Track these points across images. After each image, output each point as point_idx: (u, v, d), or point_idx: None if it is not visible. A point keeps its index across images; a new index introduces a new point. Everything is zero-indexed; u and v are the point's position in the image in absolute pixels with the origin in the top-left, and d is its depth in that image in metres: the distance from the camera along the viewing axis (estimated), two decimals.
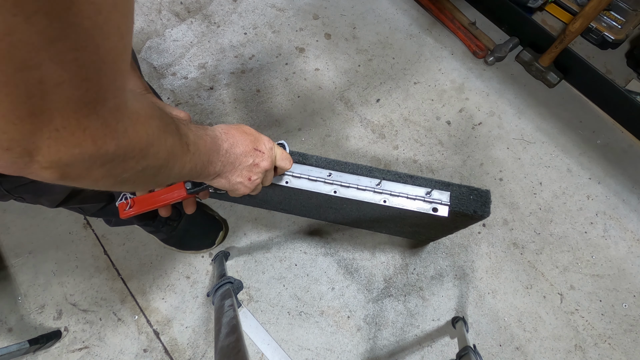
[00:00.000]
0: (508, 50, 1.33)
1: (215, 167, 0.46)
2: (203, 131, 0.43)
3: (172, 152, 0.35)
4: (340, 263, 1.08)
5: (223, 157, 0.47)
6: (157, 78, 1.28)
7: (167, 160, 0.35)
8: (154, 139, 0.31)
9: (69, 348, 0.98)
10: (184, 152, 0.38)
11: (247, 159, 0.50)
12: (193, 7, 1.41)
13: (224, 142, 0.47)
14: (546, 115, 1.27)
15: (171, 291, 1.04)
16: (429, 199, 0.67)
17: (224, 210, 1.12)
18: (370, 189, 0.67)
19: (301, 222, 1.12)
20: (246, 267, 1.07)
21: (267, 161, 0.53)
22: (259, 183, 0.54)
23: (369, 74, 1.32)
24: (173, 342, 0.99)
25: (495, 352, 1.01)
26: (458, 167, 1.20)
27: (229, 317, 0.67)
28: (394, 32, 1.39)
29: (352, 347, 1.00)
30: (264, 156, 0.52)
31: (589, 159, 1.22)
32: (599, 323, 1.04)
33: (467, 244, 1.11)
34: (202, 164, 0.42)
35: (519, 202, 1.16)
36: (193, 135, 0.40)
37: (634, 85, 1.26)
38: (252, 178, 0.52)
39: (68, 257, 1.05)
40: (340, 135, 1.23)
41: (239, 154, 0.49)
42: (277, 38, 1.36)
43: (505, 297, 1.06)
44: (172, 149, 0.35)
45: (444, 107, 1.28)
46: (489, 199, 0.68)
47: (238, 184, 0.51)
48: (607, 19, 1.26)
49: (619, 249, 1.11)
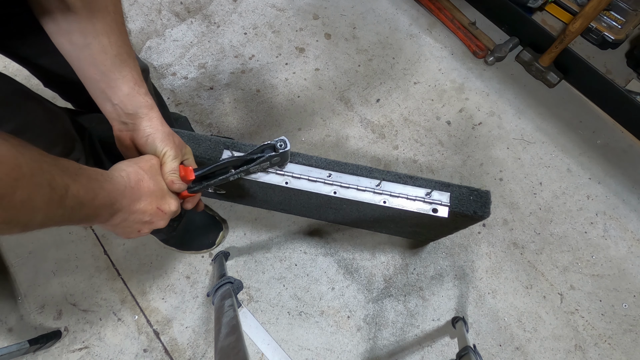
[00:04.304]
0: (508, 50, 1.33)
1: (102, 219, 0.42)
2: (99, 183, 0.39)
3: (30, 204, 0.32)
4: (340, 263, 1.08)
5: (116, 213, 0.43)
6: (157, 78, 1.28)
7: (19, 213, 0.31)
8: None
9: (69, 348, 0.98)
10: (56, 206, 0.34)
11: (144, 217, 0.47)
12: (193, 7, 1.41)
13: (123, 199, 0.43)
14: (546, 115, 1.27)
15: (171, 291, 1.04)
16: (428, 200, 0.67)
17: (224, 211, 1.12)
18: (370, 190, 0.67)
19: (301, 222, 1.12)
20: (246, 267, 1.07)
21: (165, 221, 0.50)
22: (146, 233, 0.52)
23: (369, 74, 1.32)
24: (173, 342, 0.99)
25: (495, 352, 1.01)
26: (458, 167, 1.20)
27: (229, 317, 0.67)
28: (394, 32, 1.39)
29: (352, 347, 1.00)
30: (164, 216, 0.50)
31: (589, 159, 1.21)
32: (599, 323, 1.04)
33: (467, 244, 1.11)
34: (84, 216, 0.38)
35: (519, 202, 1.16)
36: (78, 188, 0.36)
37: (634, 85, 1.26)
38: (143, 231, 0.49)
39: (68, 257, 1.05)
40: (340, 135, 1.23)
41: (137, 211, 0.46)
42: (277, 38, 1.36)
43: (505, 297, 1.06)
44: (28, 201, 0.31)
45: (444, 107, 1.28)
46: (489, 200, 0.68)
47: (123, 232, 0.48)
48: (607, 19, 1.26)
49: (619, 249, 1.11)
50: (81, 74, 0.47)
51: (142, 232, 0.49)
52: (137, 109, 0.49)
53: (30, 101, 0.53)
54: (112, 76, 0.46)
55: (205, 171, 0.55)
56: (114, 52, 0.45)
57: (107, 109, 0.49)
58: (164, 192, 0.50)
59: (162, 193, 0.49)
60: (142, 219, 0.47)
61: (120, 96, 0.48)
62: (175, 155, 0.51)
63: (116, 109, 0.48)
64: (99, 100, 0.49)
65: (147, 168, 0.48)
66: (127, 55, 0.47)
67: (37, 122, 0.54)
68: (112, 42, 0.45)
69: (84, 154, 0.68)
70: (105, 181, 0.41)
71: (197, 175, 0.55)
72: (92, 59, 0.45)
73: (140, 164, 0.47)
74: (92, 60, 0.45)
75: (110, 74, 0.46)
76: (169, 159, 0.51)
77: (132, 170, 0.46)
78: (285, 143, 0.58)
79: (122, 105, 0.48)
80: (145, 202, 0.46)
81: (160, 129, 0.51)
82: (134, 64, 0.49)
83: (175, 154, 0.52)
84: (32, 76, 0.73)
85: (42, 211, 0.33)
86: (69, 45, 0.45)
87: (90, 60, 0.45)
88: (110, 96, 0.47)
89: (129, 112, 0.48)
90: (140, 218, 0.47)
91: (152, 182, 0.47)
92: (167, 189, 0.50)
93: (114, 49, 0.45)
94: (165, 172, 0.50)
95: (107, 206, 0.41)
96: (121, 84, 0.47)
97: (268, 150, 0.59)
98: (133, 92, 0.48)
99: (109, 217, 0.43)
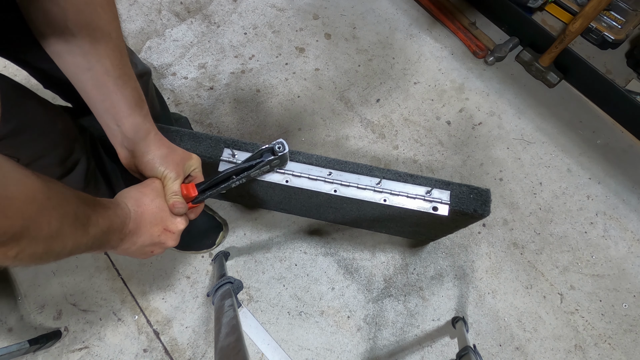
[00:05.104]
0: (508, 50, 1.33)
1: (114, 244, 0.44)
2: (112, 210, 0.42)
3: (61, 234, 0.34)
4: (340, 263, 1.08)
5: (125, 238, 0.45)
6: (157, 78, 1.28)
7: (53, 243, 0.33)
8: (31, 222, 0.30)
9: (69, 348, 0.98)
10: (81, 234, 0.36)
11: (152, 239, 0.49)
12: (193, 7, 1.41)
13: (130, 223, 0.45)
14: (546, 115, 1.27)
15: (171, 291, 1.04)
16: (429, 198, 0.67)
17: (224, 211, 1.12)
18: (371, 188, 0.67)
19: (301, 222, 1.12)
20: (246, 267, 1.07)
21: (175, 240, 0.52)
22: (160, 252, 0.53)
23: (369, 74, 1.32)
24: (173, 342, 0.99)
25: (495, 352, 1.01)
26: (458, 167, 1.20)
27: (229, 317, 0.67)
28: (394, 32, 1.40)
29: (352, 347, 1.00)
30: (172, 236, 0.51)
31: (589, 159, 1.21)
32: (599, 323, 1.04)
33: (467, 244, 1.11)
34: (102, 242, 0.41)
35: (519, 202, 1.16)
36: (97, 217, 0.39)
37: (634, 85, 1.26)
38: (155, 251, 0.51)
39: (68, 257, 1.05)
40: (340, 135, 1.23)
41: (144, 234, 0.48)
42: (277, 38, 1.36)
43: (505, 297, 1.06)
44: (59, 232, 0.34)
45: (444, 107, 1.28)
46: (489, 198, 0.68)
47: (135, 254, 0.50)
48: (607, 19, 1.26)
49: (619, 249, 1.11)
50: (84, 94, 0.48)
51: (155, 252, 0.51)
52: (135, 133, 0.50)
53: (30, 101, 0.53)
54: (115, 97, 0.47)
55: (207, 185, 0.56)
56: (116, 74, 0.46)
57: (111, 134, 0.50)
58: (169, 213, 0.51)
59: (167, 214, 0.50)
60: (152, 241, 0.49)
61: (122, 117, 0.48)
62: (175, 177, 0.52)
63: (120, 134, 0.49)
64: (103, 120, 0.49)
65: (149, 192, 0.49)
66: (127, 77, 0.48)
67: (38, 122, 0.54)
68: (115, 65, 0.46)
69: (85, 154, 0.68)
70: (117, 208, 0.43)
71: (200, 189, 0.55)
72: (95, 81, 0.46)
73: (143, 188, 0.49)
74: (95, 82, 0.46)
75: (113, 95, 0.47)
76: (170, 181, 0.52)
77: (135, 196, 0.48)
78: (284, 145, 0.58)
79: (123, 127, 0.49)
80: (151, 225, 0.48)
81: (157, 153, 0.51)
82: (135, 85, 0.49)
83: (176, 175, 0.52)
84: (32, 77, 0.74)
85: (71, 240, 0.35)
86: (72, 67, 0.45)
87: (93, 82, 0.46)
88: (114, 115, 0.48)
89: (129, 137, 0.49)
90: (149, 240, 0.48)
91: (154, 205, 0.49)
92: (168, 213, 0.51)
93: (116, 71, 0.46)
94: (167, 195, 0.51)
95: (118, 232, 0.43)
96: (123, 104, 0.48)
97: (267, 154, 0.59)
98: (134, 114, 0.49)
99: (119, 242, 0.45)
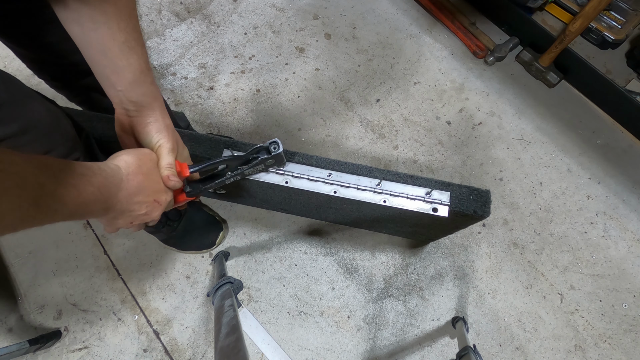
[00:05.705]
0: (508, 50, 1.33)
1: (96, 214, 0.41)
2: (86, 178, 0.38)
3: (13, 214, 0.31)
4: (340, 263, 1.08)
5: (113, 206, 0.42)
6: (157, 78, 1.28)
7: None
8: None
9: (69, 348, 0.98)
10: (27, 207, 0.32)
11: (140, 208, 0.47)
12: (193, 7, 1.41)
13: (119, 191, 0.43)
14: (546, 115, 1.27)
15: (171, 291, 1.04)
16: (429, 199, 0.67)
17: (224, 211, 1.12)
18: (370, 189, 0.67)
19: (301, 222, 1.12)
20: (246, 267, 1.07)
21: (159, 211, 0.50)
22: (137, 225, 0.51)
23: (369, 74, 1.32)
24: (173, 342, 0.99)
25: (495, 352, 1.01)
26: (458, 167, 1.20)
27: (229, 317, 0.67)
28: (394, 32, 1.39)
29: (352, 347, 1.00)
30: (159, 208, 0.50)
31: (589, 159, 1.21)
32: (599, 323, 1.04)
33: (467, 244, 1.11)
34: (70, 213, 0.37)
35: (519, 202, 1.16)
36: (56, 186, 0.34)
37: (634, 85, 1.26)
38: (135, 223, 0.49)
39: (68, 257, 1.05)
40: (340, 135, 1.23)
41: (135, 203, 0.45)
42: (277, 38, 1.36)
43: (505, 297, 1.06)
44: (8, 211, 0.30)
45: (444, 107, 1.28)
46: (489, 199, 0.68)
47: (112, 224, 0.48)
48: (607, 19, 1.26)
49: (619, 249, 1.11)
50: (89, 59, 0.47)
51: (134, 223, 0.49)
52: (140, 97, 0.48)
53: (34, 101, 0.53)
54: (119, 63, 0.46)
55: (200, 168, 0.55)
56: (122, 39, 0.45)
57: (111, 94, 0.49)
58: (162, 185, 0.50)
59: (161, 186, 0.49)
60: (139, 211, 0.47)
61: (125, 84, 0.47)
62: (171, 148, 0.51)
63: (119, 95, 0.48)
64: (104, 85, 0.48)
65: (147, 160, 0.48)
66: (135, 42, 0.47)
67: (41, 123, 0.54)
68: (122, 29, 0.45)
69: (82, 153, 0.68)
70: (95, 175, 0.39)
71: (192, 171, 0.54)
72: (100, 45, 0.45)
73: (141, 155, 0.47)
74: (99, 46, 0.45)
75: (117, 61, 0.46)
76: (165, 151, 0.50)
77: (132, 161, 0.45)
78: (278, 145, 0.57)
79: (126, 92, 0.48)
80: (144, 194, 0.46)
81: (160, 120, 0.50)
82: (142, 52, 0.48)
83: (172, 147, 0.51)
84: (32, 76, 0.74)
85: (8, 215, 0.31)
86: (79, 30, 0.44)
87: (98, 46, 0.45)
88: (115, 83, 0.47)
89: (133, 100, 0.48)
90: (137, 209, 0.46)
91: (152, 174, 0.47)
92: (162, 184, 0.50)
93: (122, 36, 0.45)
94: (161, 166, 0.50)
95: (98, 201, 0.40)
96: (127, 71, 0.47)
97: (262, 152, 0.59)
98: (138, 81, 0.48)
99: (104, 212, 0.42)
